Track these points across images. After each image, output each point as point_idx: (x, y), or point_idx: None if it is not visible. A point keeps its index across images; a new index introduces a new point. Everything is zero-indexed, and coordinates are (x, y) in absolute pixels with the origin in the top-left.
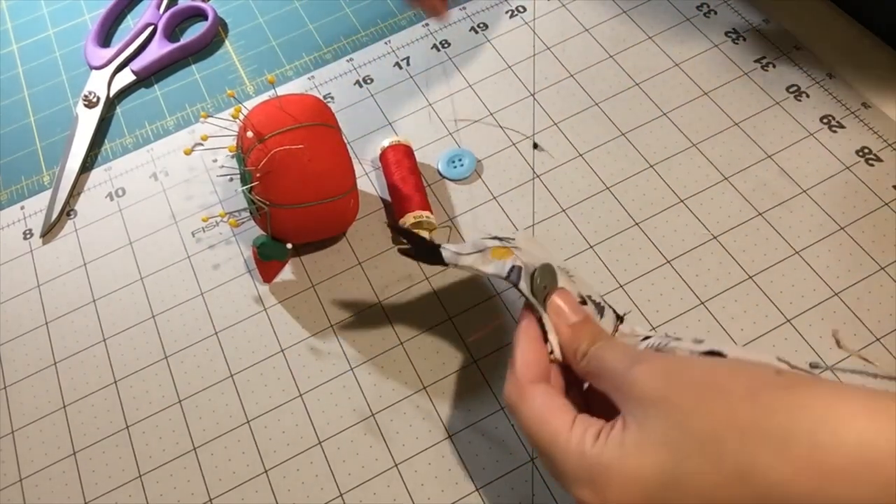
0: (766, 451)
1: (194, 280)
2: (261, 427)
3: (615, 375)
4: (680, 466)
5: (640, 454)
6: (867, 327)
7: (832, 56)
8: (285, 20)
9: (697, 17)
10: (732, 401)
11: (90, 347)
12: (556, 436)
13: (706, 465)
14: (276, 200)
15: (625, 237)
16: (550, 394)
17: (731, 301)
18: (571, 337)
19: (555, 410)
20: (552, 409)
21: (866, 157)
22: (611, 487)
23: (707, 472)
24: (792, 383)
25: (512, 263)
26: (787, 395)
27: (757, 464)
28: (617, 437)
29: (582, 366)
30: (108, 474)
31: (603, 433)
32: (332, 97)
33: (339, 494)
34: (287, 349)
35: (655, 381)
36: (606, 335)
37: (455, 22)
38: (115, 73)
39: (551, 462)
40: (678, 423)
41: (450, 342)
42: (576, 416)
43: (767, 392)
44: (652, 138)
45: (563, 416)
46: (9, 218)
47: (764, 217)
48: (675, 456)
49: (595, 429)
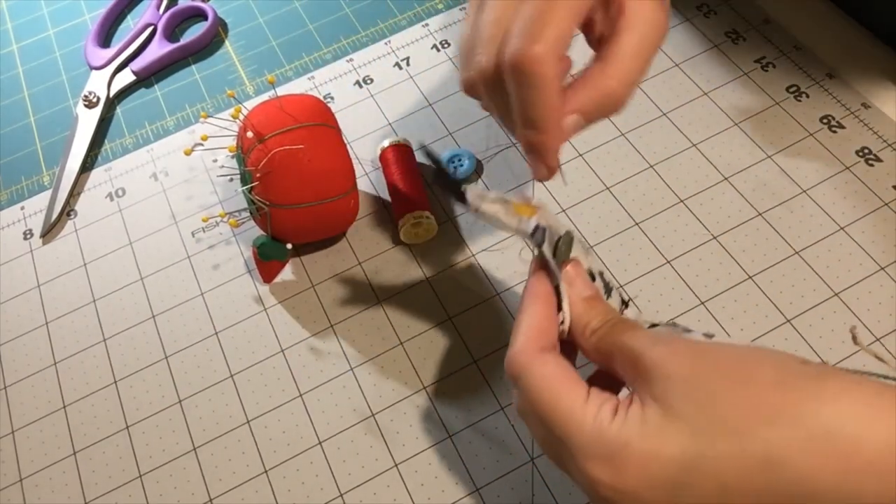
0: (795, 441)
1: (194, 280)
2: (261, 427)
3: (633, 354)
4: (704, 450)
5: (664, 434)
6: (867, 327)
7: (832, 56)
8: (285, 20)
9: (697, 17)
10: (761, 388)
11: (90, 347)
12: (571, 408)
13: (732, 450)
14: (276, 200)
15: (625, 237)
16: (563, 364)
17: (731, 301)
18: (583, 311)
19: (568, 382)
20: (566, 380)
21: (866, 157)
22: (630, 465)
23: (733, 458)
24: (819, 373)
25: (537, 222)
26: (816, 385)
27: (784, 452)
28: (637, 414)
29: (592, 342)
30: (108, 474)
31: (621, 410)
32: (332, 97)
33: (339, 494)
34: (287, 349)
35: (682, 363)
36: (618, 314)
37: (455, 22)
38: (115, 73)
39: (563, 435)
40: (706, 406)
41: (450, 342)
42: (589, 389)
43: (796, 381)
44: (652, 138)
45: (578, 389)
46: (9, 218)
47: (764, 217)
48: (701, 439)
49: (611, 404)
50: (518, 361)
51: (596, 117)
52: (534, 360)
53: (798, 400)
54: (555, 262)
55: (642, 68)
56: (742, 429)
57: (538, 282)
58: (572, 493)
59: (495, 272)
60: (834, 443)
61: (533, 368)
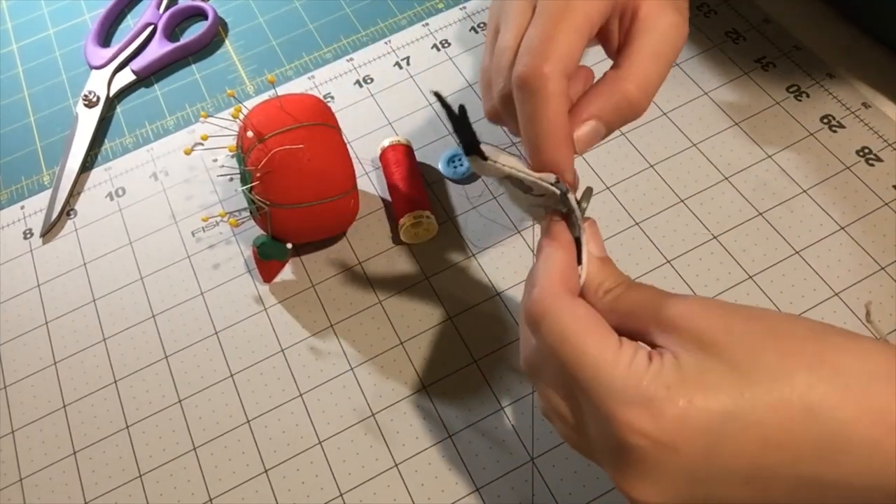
0: (835, 389)
1: (194, 280)
2: (261, 427)
3: (655, 310)
4: (747, 400)
5: (705, 383)
6: (867, 327)
7: (832, 56)
8: (285, 20)
9: (698, 17)
10: (799, 340)
11: (90, 347)
12: (602, 352)
13: (774, 399)
14: (276, 200)
15: (625, 237)
16: (591, 310)
17: (732, 301)
18: (597, 270)
19: (599, 327)
20: (596, 324)
21: (866, 157)
22: (669, 412)
23: (775, 407)
24: (846, 331)
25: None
26: (848, 341)
27: (825, 401)
28: (672, 362)
29: (606, 301)
30: (108, 474)
31: (655, 357)
32: (332, 97)
33: (339, 494)
34: (287, 349)
35: (714, 317)
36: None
37: (455, 22)
38: (115, 72)
39: (592, 380)
40: (746, 356)
41: (450, 342)
42: (619, 337)
43: (830, 334)
44: (652, 138)
45: (609, 335)
46: (9, 218)
47: (764, 217)
48: (742, 388)
49: (645, 351)
50: (543, 302)
51: (616, 124)
52: (562, 301)
53: (836, 350)
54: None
55: (661, 71)
56: (784, 377)
57: (560, 230)
58: (572, 494)
59: (495, 272)
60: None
61: (561, 310)
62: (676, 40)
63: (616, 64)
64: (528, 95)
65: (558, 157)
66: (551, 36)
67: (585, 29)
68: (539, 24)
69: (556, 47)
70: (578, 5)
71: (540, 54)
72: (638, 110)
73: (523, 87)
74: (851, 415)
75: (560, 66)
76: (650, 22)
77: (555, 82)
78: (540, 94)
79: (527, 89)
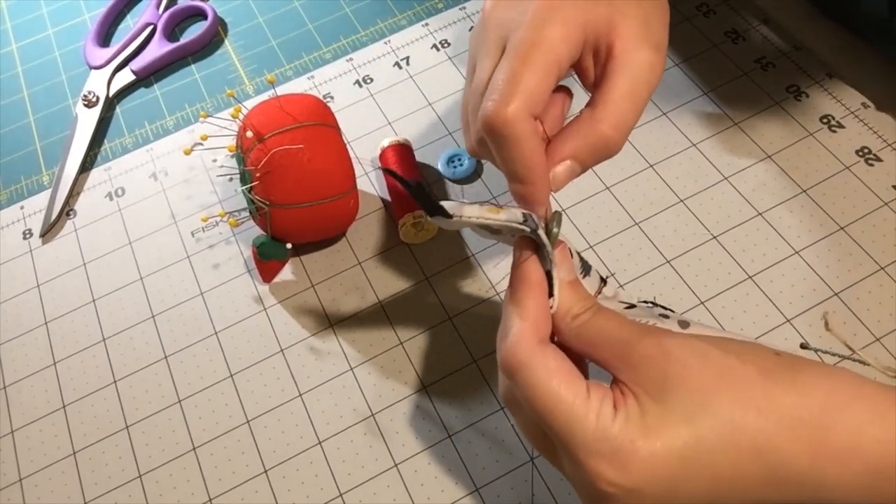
0: (780, 430)
1: (194, 280)
2: (261, 427)
3: (620, 346)
4: (700, 443)
5: (664, 431)
6: (867, 327)
7: (832, 56)
8: (285, 20)
9: (697, 17)
10: (748, 382)
11: (90, 347)
12: (573, 406)
13: (725, 443)
14: (276, 200)
15: (625, 237)
16: (561, 358)
17: (731, 301)
18: (566, 295)
19: (569, 377)
20: (566, 374)
21: (866, 157)
22: (635, 462)
23: (726, 449)
24: (792, 365)
25: (521, 210)
26: (792, 376)
27: (772, 441)
28: (636, 411)
29: (573, 326)
30: (108, 474)
31: (620, 406)
32: (332, 97)
33: (339, 494)
34: (287, 349)
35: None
36: (596, 300)
37: (455, 22)
38: (115, 72)
39: (565, 433)
40: (701, 403)
41: (450, 342)
42: (587, 384)
43: (776, 374)
44: (652, 138)
45: (578, 385)
46: (8, 218)
47: (764, 217)
48: (697, 433)
49: (610, 400)
50: (515, 356)
51: (592, 163)
52: (534, 355)
53: (783, 391)
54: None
55: (636, 110)
56: (736, 421)
57: (530, 268)
58: (572, 493)
59: (495, 272)
60: (812, 431)
61: (533, 364)
62: (651, 79)
63: (592, 102)
64: (495, 139)
65: (535, 195)
66: (517, 76)
67: (553, 67)
68: (506, 64)
69: (522, 87)
70: (546, 43)
71: (505, 96)
72: (614, 150)
73: (489, 131)
74: (795, 452)
75: (524, 107)
76: (625, 59)
77: (520, 124)
78: (507, 137)
79: (493, 133)
